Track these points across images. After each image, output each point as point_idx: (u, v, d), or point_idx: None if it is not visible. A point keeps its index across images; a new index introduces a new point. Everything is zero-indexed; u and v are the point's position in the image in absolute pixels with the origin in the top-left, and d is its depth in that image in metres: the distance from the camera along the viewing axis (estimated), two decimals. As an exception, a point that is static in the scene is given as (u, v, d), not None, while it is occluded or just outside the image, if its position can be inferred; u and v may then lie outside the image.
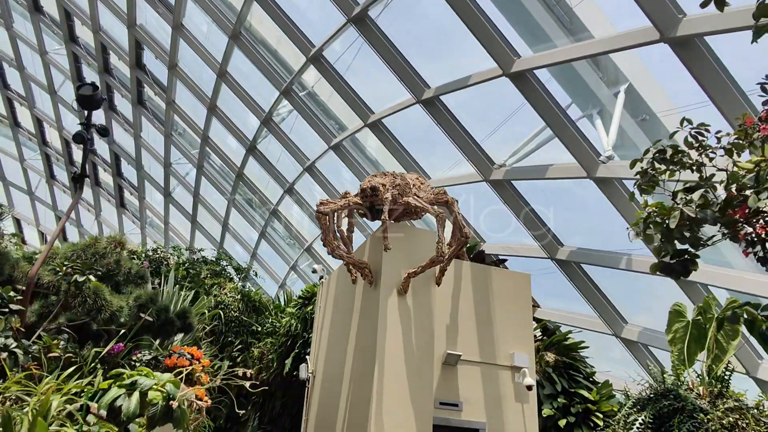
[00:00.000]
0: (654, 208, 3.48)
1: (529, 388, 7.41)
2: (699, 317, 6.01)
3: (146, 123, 22.64)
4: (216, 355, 14.93)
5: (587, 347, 9.72)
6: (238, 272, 16.73)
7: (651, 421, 6.00)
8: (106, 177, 27.39)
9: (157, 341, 7.00)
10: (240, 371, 5.95)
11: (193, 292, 12.36)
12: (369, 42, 10.09)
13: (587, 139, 8.61)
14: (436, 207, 6.89)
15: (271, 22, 12.92)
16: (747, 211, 3.01)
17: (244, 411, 14.13)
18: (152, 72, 19.93)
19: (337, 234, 6.84)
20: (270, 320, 14.34)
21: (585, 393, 8.68)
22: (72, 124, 25.88)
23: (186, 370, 5.06)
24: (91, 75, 22.63)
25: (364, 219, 7.45)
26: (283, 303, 14.95)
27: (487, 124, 10.56)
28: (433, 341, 6.91)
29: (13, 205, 31.75)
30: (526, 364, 7.74)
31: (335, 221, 6.87)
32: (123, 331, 5.85)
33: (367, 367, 6.63)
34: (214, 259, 16.65)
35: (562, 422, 8.50)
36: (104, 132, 5.76)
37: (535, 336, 10.76)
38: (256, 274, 18.83)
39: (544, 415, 8.53)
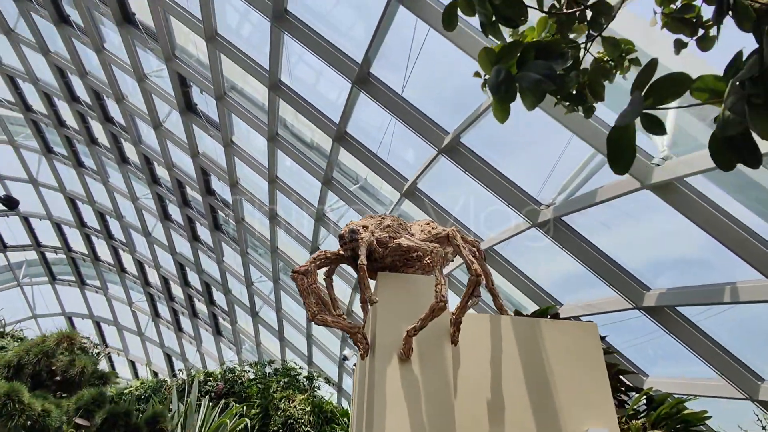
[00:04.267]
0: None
1: (615, 476, 5.32)
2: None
3: (226, 247, 23.32)
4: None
5: (709, 417, 7.22)
6: (309, 381, 15.53)
7: None
8: (201, 306, 28.20)
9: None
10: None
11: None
12: (376, 100, 9.39)
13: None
14: (431, 243, 5.53)
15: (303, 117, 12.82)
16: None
17: None
18: (221, 195, 20.72)
19: (312, 295, 5.59)
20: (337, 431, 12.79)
21: (710, 480, 6.21)
22: (168, 261, 27.41)
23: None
24: (174, 211, 24.09)
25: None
26: (349, 409, 13.40)
27: (522, 159, 9.15)
28: (453, 419, 5.20)
29: (128, 348, 33.47)
30: (607, 443, 5.67)
31: (313, 281, 5.67)
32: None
33: (369, 462, 5.04)
34: (283, 370, 15.67)
35: None
36: (10, 204, 5.25)
37: (637, 411, 8.36)
38: (328, 381, 17.47)
39: None
